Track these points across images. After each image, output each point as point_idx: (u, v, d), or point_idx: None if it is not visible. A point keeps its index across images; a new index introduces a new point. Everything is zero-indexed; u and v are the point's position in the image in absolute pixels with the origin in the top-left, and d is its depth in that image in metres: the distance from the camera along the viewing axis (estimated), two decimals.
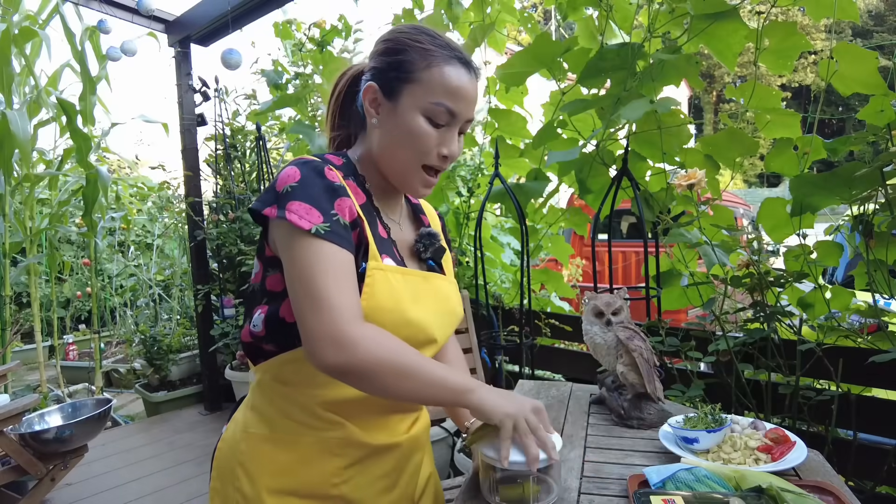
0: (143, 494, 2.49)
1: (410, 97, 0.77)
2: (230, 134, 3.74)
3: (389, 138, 0.80)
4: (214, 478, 0.84)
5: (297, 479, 0.78)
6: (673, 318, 2.39)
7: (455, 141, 0.81)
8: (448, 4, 2.23)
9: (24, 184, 3.34)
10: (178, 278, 4.58)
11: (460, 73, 0.78)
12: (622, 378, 1.14)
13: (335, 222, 0.71)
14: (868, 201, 1.39)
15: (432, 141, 0.78)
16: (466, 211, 2.63)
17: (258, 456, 0.79)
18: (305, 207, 0.70)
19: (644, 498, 0.73)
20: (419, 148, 0.78)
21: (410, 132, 0.77)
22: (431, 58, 0.77)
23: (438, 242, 0.91)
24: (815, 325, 1.57)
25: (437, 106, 0.77)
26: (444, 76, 0.76)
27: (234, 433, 0.84)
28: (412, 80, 0.77)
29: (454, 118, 0.79)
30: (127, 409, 3.87)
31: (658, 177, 1.85)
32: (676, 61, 1.60)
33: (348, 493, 0.79)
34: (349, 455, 0.79)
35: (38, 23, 3.34)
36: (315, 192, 0.72)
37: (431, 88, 0.76)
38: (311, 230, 0.69)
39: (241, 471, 0.79)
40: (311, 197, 0.71)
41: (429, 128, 0.78)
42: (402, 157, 0.80)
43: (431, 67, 0.77)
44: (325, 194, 0.73)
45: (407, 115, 0.77)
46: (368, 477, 0.81)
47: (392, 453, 0.84)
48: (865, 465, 1.40)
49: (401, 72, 0.77)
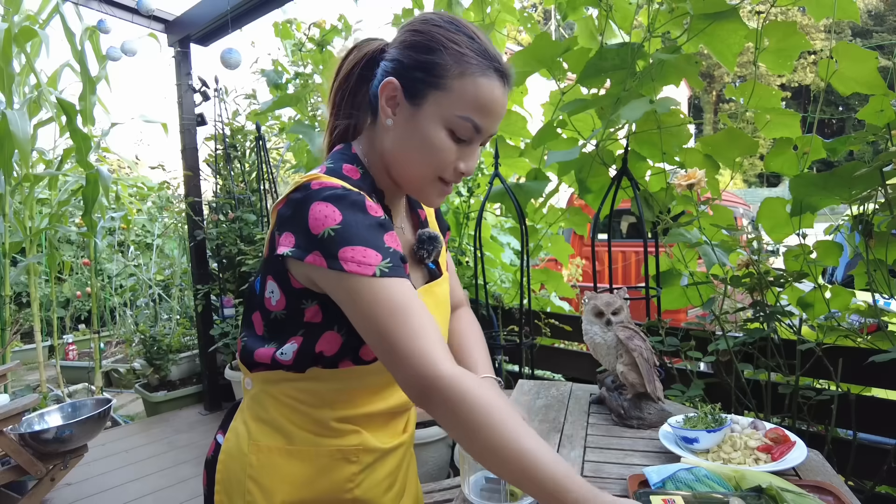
0: (142, 494, 2.49)
1: (435, 105, 0.69)
2: (230, 134, 3.75)
3: (404, 144, 0.72)
4: (219, 491, 0.79)
5: (314, 489, 0.76)
6: (673, 318, 2.39)
7: (475, 157, 0.74)
8: (448, 4, 2.23)
9: (24, 184, 3.34)
10: (177, 278, 4.58)
11: (494, 86, 0.70)
12: (622, 378, 1.14)
13: (392, 255, 0.65)
14: (868, 201, 1.39)
15: (452, 156, 0.72)
16: (466, 211, 2.63)
17: (272, 469, 0.76)
18: (361, 251, 0.63)
19: (644, 498, 0.73)
20: (436, 161, 0.72)
21: (430, 144, 0.70)
22: (466, 65, 0.68)
23: (441, 246, 0.87)
24: (815, 325, 1.57)
25: (464, 121, 0.69)
26: (478, 90, 0.68)
27: (238, 445, 0.79)
28: (441, 86, 0.69)
29: (479, 134, 0.72)
30: (127, 409, 3.87)
31: (658, 176, 1.85)
32: (676, 61, 1.60)
33: (360, 495, 0.79)
34: (363, 461, 0.78)
35: (39, 23, 3.34)
36: (364, 232, 0.64)
37: (461, 100, 0.69)
38: (377, 273, 0.63)
39: (253, 484, 0.76)
40: (362, 238, 0.64)
41: (450, 142, 0.71)
42: (416, 167, 0.73)
43: (465, 77, 0.68)
44: (375, 230, 0.66)
45: (429, 124, 0.70)
46: (376, 478, 0.81)
47: (396, 453, 0.84)
48: (865, 465, 1.40)
49: (429, 74, 0.69)
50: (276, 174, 3.86)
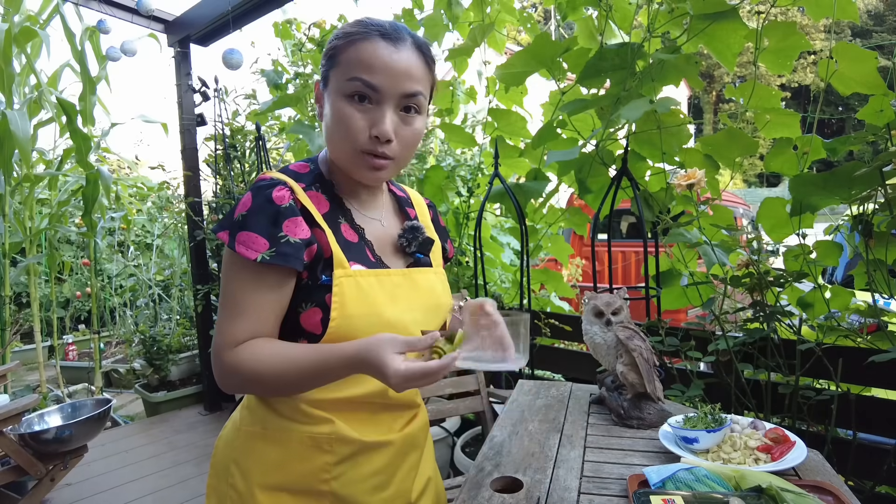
0: (142, 494, 2.49)
1: (334, 81, 0.77)
2: (230, 134, 3.74)
3: (326, 129, 0.80)
4: (211, 475, 0.86)
5: (287, 475, 0.79)
6: (672, 318, 2.39)
7: (385, 119, 0.75)
8: (448, 4, 2.23)
9: (24, 184, 3.34)
10: (177, 278, 4.58)
11: (379, 45, 0.75)
12: (622, 378, 1.14)
13: (284, 244, 0.73)
14: (867, 201, 1.39)
15: (357, 122, 0.75)
16: (466, 211, 2.63)
17: (251, 452, 0.80)
18: (252, 237, 0.73)
19: (644, 498, 0.73)
20: (346, 130, 0.76)
21: (338, 117, 0.76)
22: (350, 39, 0.76)
23: (423, 235, 0.90)
24: (815, 325, 1.57)
25: (353, 81, 0.75)
26: (360, 52, 0.75)
27: (229, 431, 0.86)
28: (335, 64, 0.77)
29: (376, 92, 0.75)
30: (127, 409, 3.87)
31: (658, 177, 1.85)
32: (676, 61, 1.60)
33: (338, 489, 0.79)
34: (338, 451, 0.79)
35: (39, 23, 3.34)
36: (263, 220, 0.74)
37: (349, 66, 0.75)
38: (258, 259, 0.72)
39: (235, 467, 0.81)
40: (259, 226, 0.73)
41: (351, 109, 0.75)
42: (337, 145, 0.79)
43: (349, 47, 0.76)
44: (273, 219, 0.74)
45: (334, 100, 0.77)
46: (359, 474, 0.81)
47: (384, 451, 0.83)
48: (865, 465, 1.40)
49: (329, 59, 0.79)
50: None
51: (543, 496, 0.86)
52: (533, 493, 0.87)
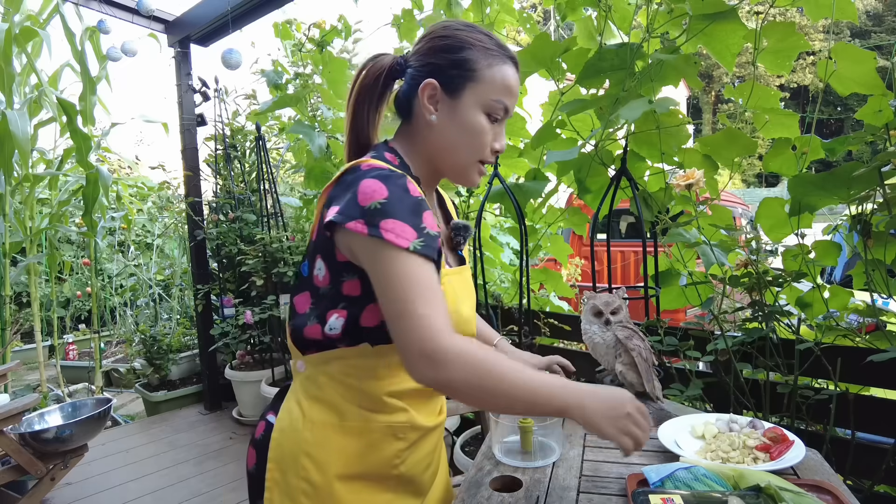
0: (142, 494, 2.49)
1: (473, 95, 0.81)
2: (230, 134, 3.75)
3: (449, 134, 0.83)
4: (272, 469, 0.82)
5: (365, 464, 0.81)
6: (671, 318, 2.39)
7: (503, 136, 0.87)
8: (447, 5, 2.24)
9: (24, 184, 3.35)
10: (178, 278, 4.58)
11: (513, 72, 0.84)
12: (621, 377, 1.14)
13: (427, 235, 0.72)
14: (866, 201, 1.39)
15: (487, 136, 0.83)
16: (465, 211, 2.63)
17: (325, 444, 0.80)
18: (400, 226, 0.71)
19: (643, 497, 0.73)
20: (478, 143, 0.83)
21: (472, 129, 0.82)
22: (492, 57, 0.82)
23: (472, 235, 0.96)
24: (814, 325, 1.57)
25: (498, 103, 0.82)
26: (504, 75, 0.82)
27: (292, 423, 0.83)
28: (476, 78, 0.81)
29: (507, 114, 0.85)
30: (127, 408, 3.87)
31: (657, 177, 1.86)
32: (675, 61, 1.60)
33: (405, 472, 0.84)
34: (409, 438, 0.84)
35: (39, 23, 3.34)
36: (405, 210, 0.72)
37: (493, 86, 0.81)
38: (410, 248, 0.70)
39: (308, 460, 0.80)
40: (404, 215, 0.71)
41: (487, 125, 0.83)
42: (462, 153, 0.84)
43: (492, 67, 0.81)
44: (415, 210, 0.73)
45: (469, 112, 0.82)
46: (419, 455, 0.86)
47: (435, 433, 0.90)
48: (864, 464, 1.40)
49: (464, 69, 0.81)
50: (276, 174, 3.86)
51: (543, 495, 0.86)
52: (532, 492, 0.87)
